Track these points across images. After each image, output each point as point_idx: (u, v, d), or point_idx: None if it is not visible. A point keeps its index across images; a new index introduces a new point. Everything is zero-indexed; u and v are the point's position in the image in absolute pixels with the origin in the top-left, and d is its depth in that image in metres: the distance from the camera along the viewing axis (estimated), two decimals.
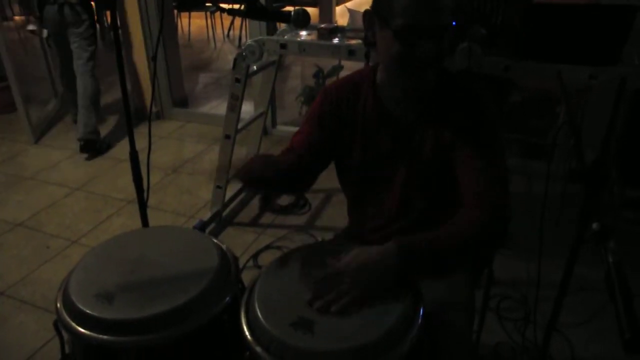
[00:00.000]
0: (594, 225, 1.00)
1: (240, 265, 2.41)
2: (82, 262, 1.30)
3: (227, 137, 2.63)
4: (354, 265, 1.14)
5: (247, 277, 1.33)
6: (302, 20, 1.50)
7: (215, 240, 1.39)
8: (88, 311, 1.14)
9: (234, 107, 2.54)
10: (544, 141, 3.20)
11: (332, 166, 1.54)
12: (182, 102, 4.58)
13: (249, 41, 2.41)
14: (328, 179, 1.56)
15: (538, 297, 1.96)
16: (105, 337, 1.12)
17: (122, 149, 3.78)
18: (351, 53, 2.25)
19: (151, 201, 1.75)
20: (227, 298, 1.22)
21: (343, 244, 1.35)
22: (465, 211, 1.22)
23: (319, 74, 4.04)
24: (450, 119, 1.28)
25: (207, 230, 2.77)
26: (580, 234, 1.28)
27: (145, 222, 1.81)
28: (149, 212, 1.85)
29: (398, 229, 1.39)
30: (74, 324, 1.15)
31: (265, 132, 3.67)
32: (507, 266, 2.37)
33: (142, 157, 1.79)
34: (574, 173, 1.14)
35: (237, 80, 2.49)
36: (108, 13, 5.05)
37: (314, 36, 2.41)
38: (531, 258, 2.17)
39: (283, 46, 2.37)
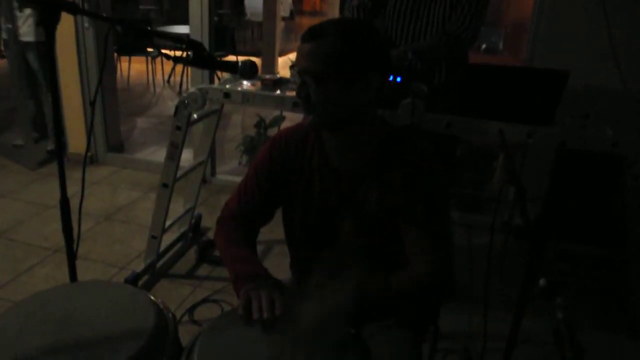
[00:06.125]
0: (541, 282, 1.01)
1: None
2: None
3: (165, 185, 2.54)
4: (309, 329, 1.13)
5: (182, 331, 1.25)
6: (249, 72, 1.48)
7: (151, 297, 1.29)
8: None
9: (173, 155, 2.46)
10: (480, 194, 3.30)
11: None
12: (118, 147, 4.43)
13: (192, 89, 2.36)
14: (268, 230, 1.52)
15: (484, 350, 1.96)
16: None
17: (51, 194, 3.58)
18: (295, 105, 2.25)
19: (80, 250, 1.61)
20: None
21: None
22: (410, 267, 1.27)
23: (260, 124, 4.04)
24: (394, 176, 1.28)
25: (140, 283, 2.62)
26: (526, 290, 1.28)
27: (73, 276, 1.67)
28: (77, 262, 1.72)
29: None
30: None
31: (204, 180, 3.58)
32: (450, 319, 2.36)
33: (72, 204, 1.67)
34: (519, 229, 1.16)
35: (178, 128, 2.42)
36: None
37: (257, 86, 2.40)
38: (473, 310, 2.18)
39: (227, 95, 2.35)
